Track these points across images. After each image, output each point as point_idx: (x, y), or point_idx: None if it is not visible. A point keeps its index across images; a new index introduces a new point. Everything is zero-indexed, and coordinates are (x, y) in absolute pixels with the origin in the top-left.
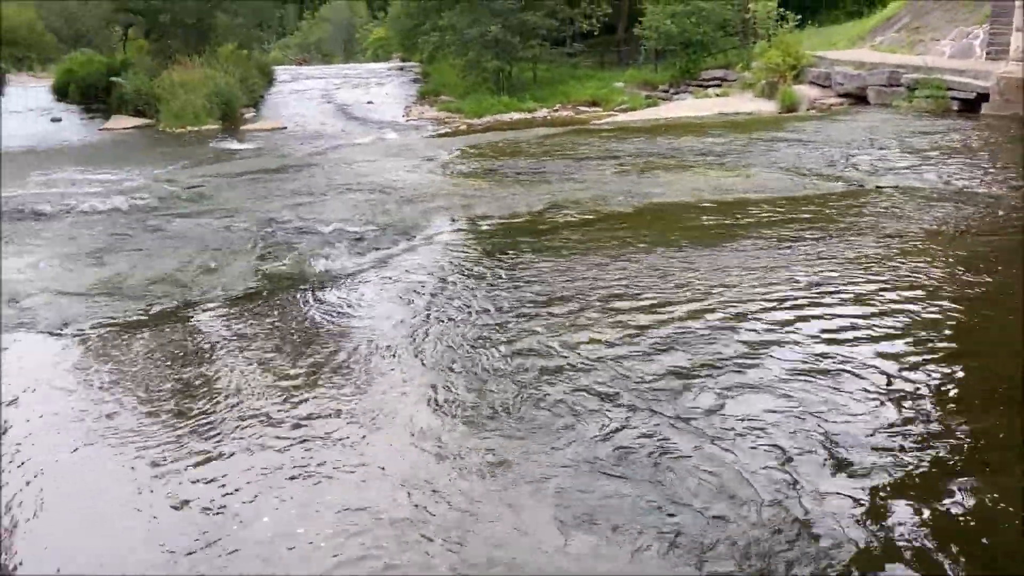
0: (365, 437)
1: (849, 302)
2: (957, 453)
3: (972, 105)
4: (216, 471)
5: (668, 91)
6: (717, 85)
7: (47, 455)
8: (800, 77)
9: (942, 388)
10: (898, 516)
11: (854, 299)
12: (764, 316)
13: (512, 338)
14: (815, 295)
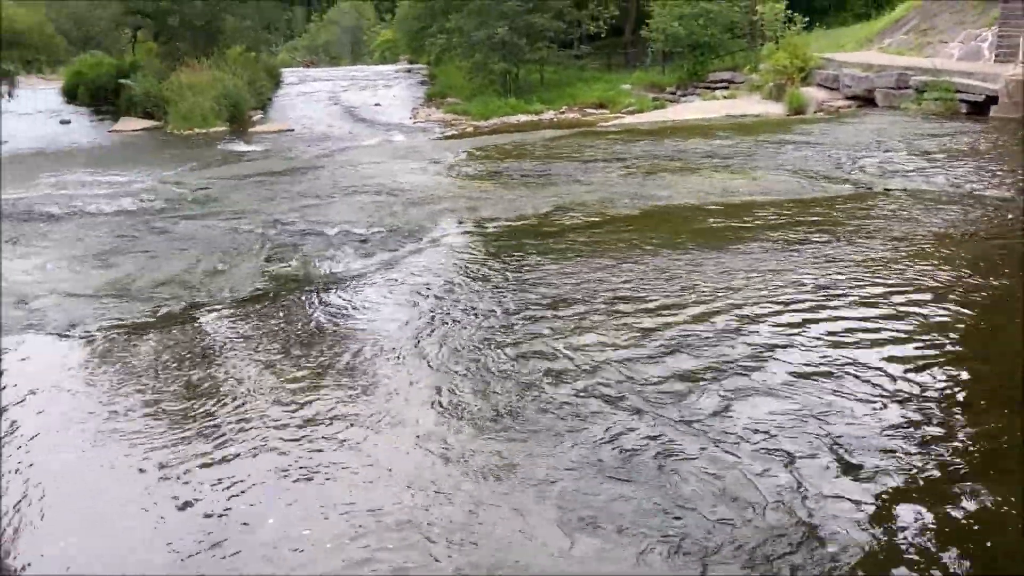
0: (371, 439)
1: (856, 305)
2: (964, 457)
3: (981, 108)
4: (222, 473)
5: (675, 93)
6: (724, 87)
7: (53, 456)
8: (808, 79)
9: (950, 392)
10: (904, 520)
11: (861, 302)
12: (770, 319)
13: (518, 340)
14: (822, 298)
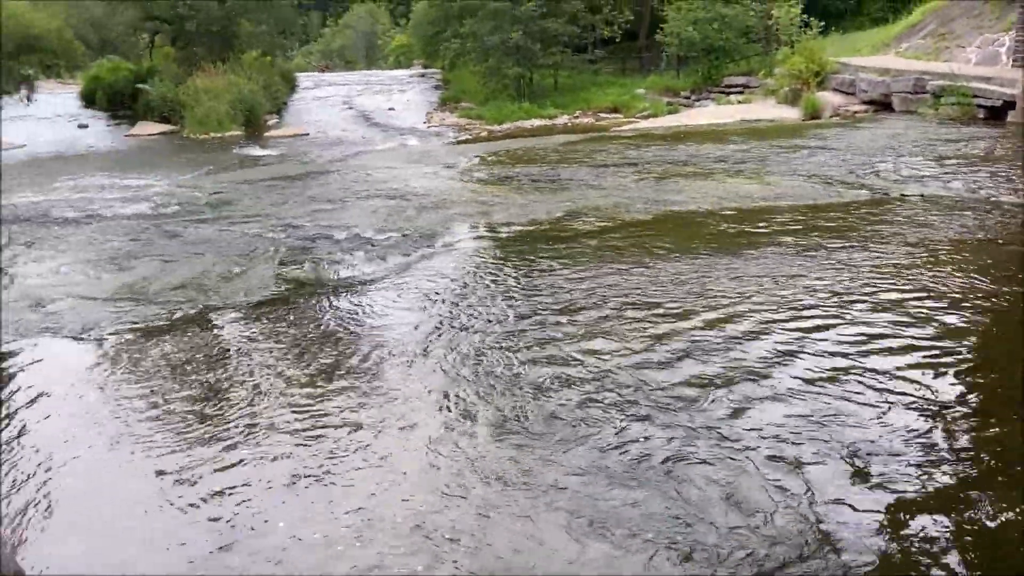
0: (382, 443)
1: (870, 311)
2: (977, 463)
3: (998, 113)
4: (233, 476)
5: (690, 98)
6: (739, 92)
7: (67, 457)
8: (824, 84)
9: (963, 399)
10: (916, 527)
11: (875, 308)
12: (783, 325)
13: (529, 345)
14: (835, 304)
